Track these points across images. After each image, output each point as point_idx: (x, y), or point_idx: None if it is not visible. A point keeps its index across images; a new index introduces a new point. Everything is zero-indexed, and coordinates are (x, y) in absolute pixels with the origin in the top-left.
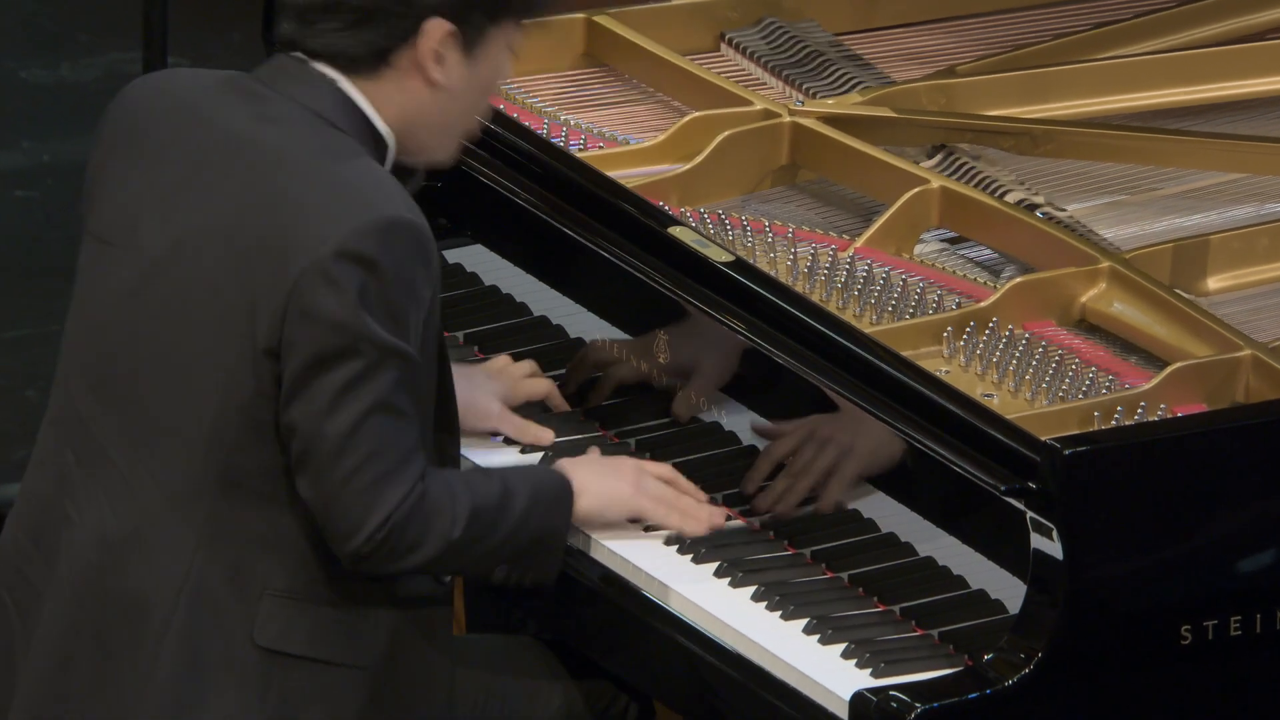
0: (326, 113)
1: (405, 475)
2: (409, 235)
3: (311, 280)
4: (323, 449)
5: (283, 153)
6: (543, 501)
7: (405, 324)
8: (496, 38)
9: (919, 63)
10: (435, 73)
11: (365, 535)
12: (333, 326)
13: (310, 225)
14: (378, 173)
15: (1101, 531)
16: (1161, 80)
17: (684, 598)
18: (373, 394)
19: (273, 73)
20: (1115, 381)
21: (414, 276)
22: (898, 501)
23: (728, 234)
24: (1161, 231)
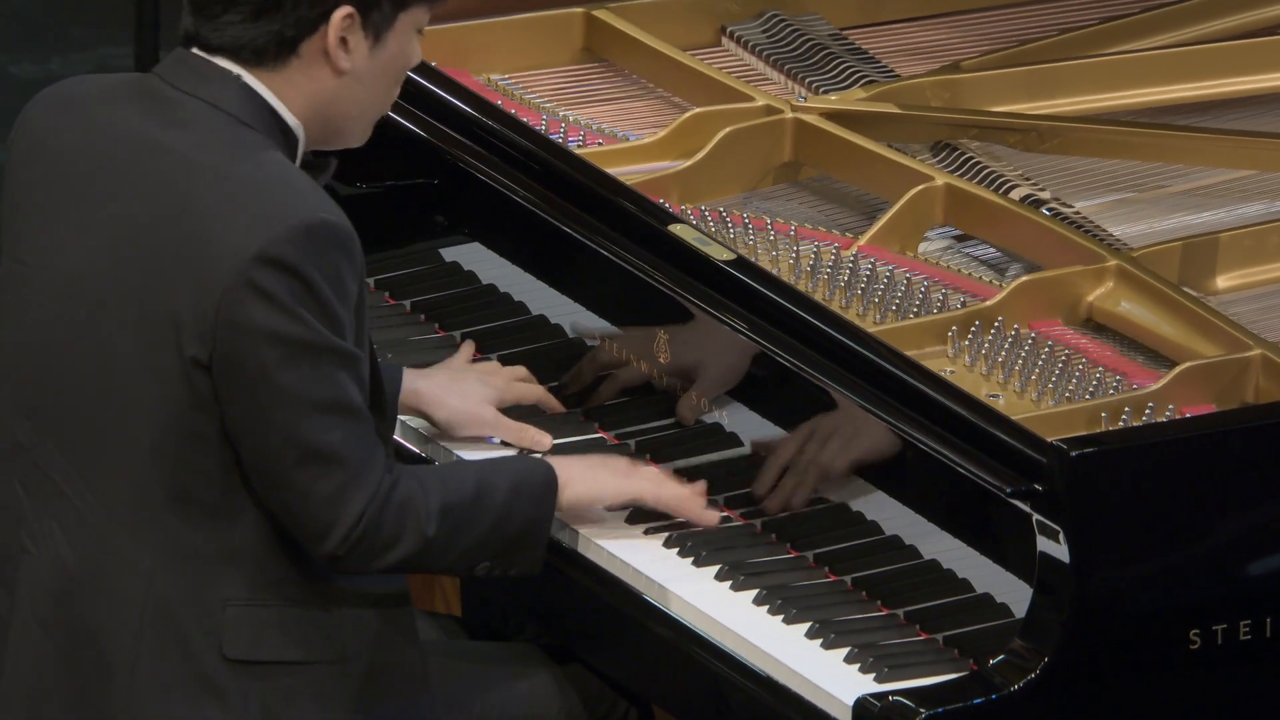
0: (232, 109)
1: (369, 474)
2: (329, 234)
3: (237, 292)
4: (279, 461)
5: (191, 160)
6: (524, 494)
7: (340, 321)
8: (403, 22)
9: (924, 57)
10: (342, 61)
11: (339, 538)
12: (268, 337)
13: (228, 234)
14: (289, 172)
15: (1109, 534)
16: (1170, 75)
17: (684, 601)
18: (321, 397)
19: (175, 71)
20: (1123, 382)
21: (340, 273)
22: (902, 503)
23: (729, 232)
24: (1170, 229)
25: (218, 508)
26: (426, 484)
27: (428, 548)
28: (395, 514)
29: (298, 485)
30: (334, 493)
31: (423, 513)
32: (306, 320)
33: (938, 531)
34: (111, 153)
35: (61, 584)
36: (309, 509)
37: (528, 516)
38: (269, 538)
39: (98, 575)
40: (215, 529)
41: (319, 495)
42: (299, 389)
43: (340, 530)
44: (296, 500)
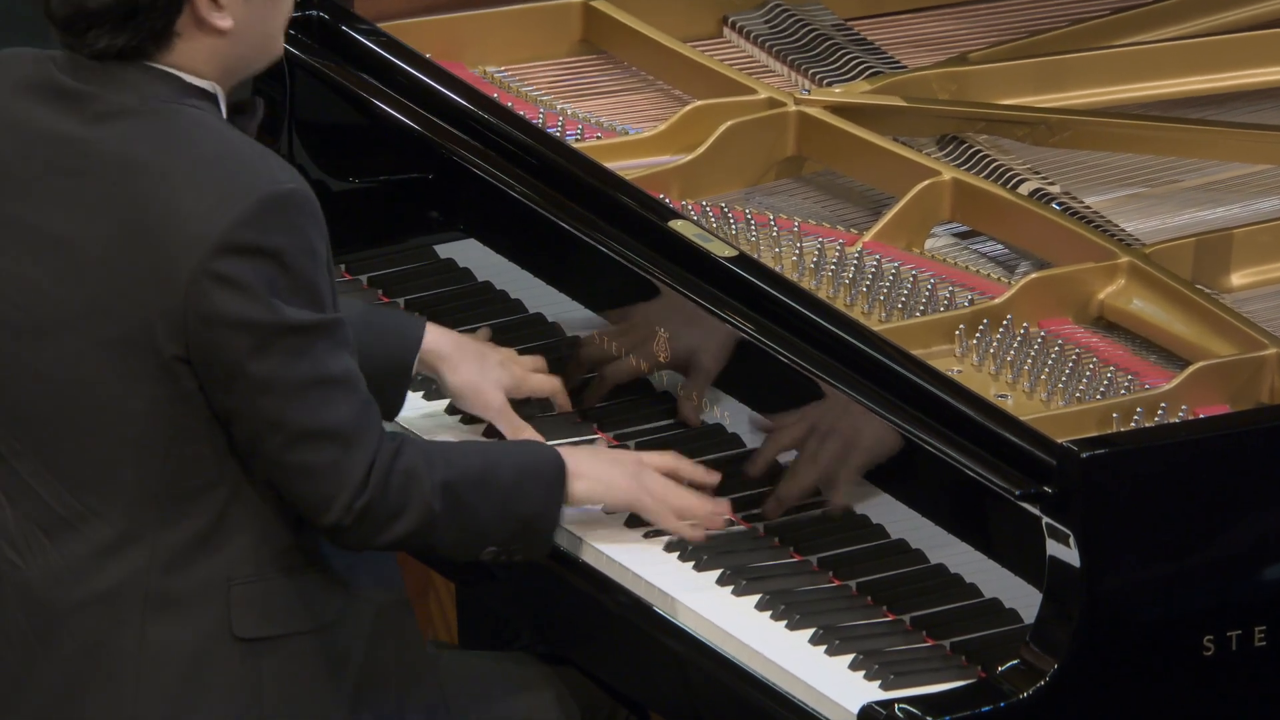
0: (145, 89)
1: (365, 442)
2: (285, 202)
3: (202, 284)
4: (271, 444)
5: (127, 156)
6: (531, 479)
7: (317, 288)
8: None
9: (930, 49)
10: (220, 21)
11: (342, 507)
12: (239, 325)
13: (184, 227)
14: (227, 142)
15: (1120, 537)
16: (1183, 67)
17: (685, 606)
18: (303, 377)
19: (76, 69)
20: (1134, 381)
21: (307, 237)
22: (908, 506)
23: (731, 228)
24: (1183, 225)
25: (214, 491)
26: (431, 457)
27: (434, 523)
28: (400, 482)
29: (294, 463)
30: (331, 465)
31: (428, 485)
32: (275, 303)
33: (945, 535)
34: (43, 160)
35: (54, 594)
36: (309, 484)
37: (536, 502)
38: (267, 510)
39: (91, 580)
40: (213, 512)
41: (317, 469)
42: (279, 373)
43: (343, 500)
44: (296, 476)
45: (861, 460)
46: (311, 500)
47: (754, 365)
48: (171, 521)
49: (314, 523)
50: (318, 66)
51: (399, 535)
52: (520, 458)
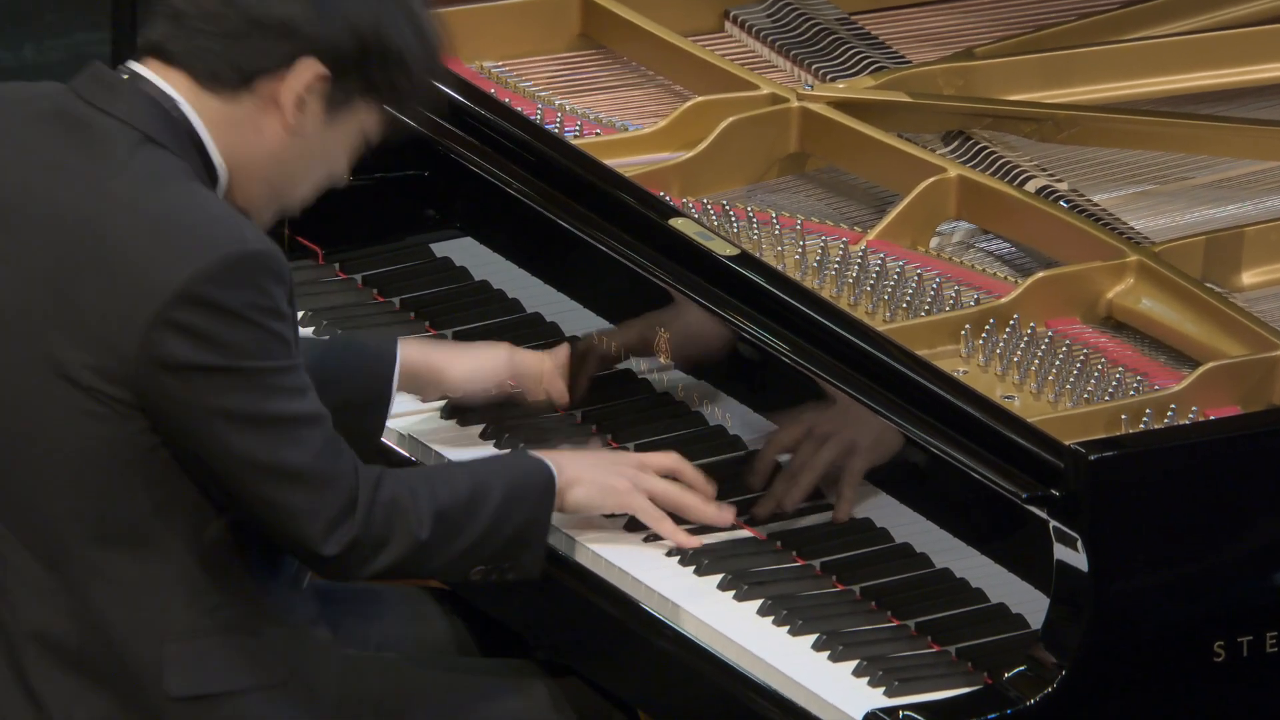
0: (155, 134)
1: (338, 479)
2: (252, 263)
3: (158, 332)
4: (243, 484)
5: (103, 192)
6: (520, 494)
7: (281, 339)
8: (360, 111)
9: (936, 43)
10: (291, 115)
11: (325, 543)
12: (195, 370)
13: (147, 272)
14: (204, 198)
15: (1129, 541)
16: (1193, 62)
17: (685, 612)
18: (266, 415)
19: (96, 86)
20: (1143, 382)
21: (271, 298)
22: (912, 510)
23: (732, 226)
24: (1193, 223)
25: (148, 539)
26: (415, 486)
27: (421, 550)
28: (383, 514)
29: (269, 502)
30: (306, 504)
31: (413, 514)
32: (235, 347)
33: (950, 539)
34: (18, 182)
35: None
36: (287, 523)
37: (525, 518)
38: (201, 563)
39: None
40: (148, 560)
41: (293, 509)
42: (240, 414)
43: (323, 536)
44: (273, 515)
45: (865, 463)
46: (293, 539)
47: (756, 366)
48: (105, 571)
49: (301, 559)
50: None
51: (386, 566)
52: (508, 475)
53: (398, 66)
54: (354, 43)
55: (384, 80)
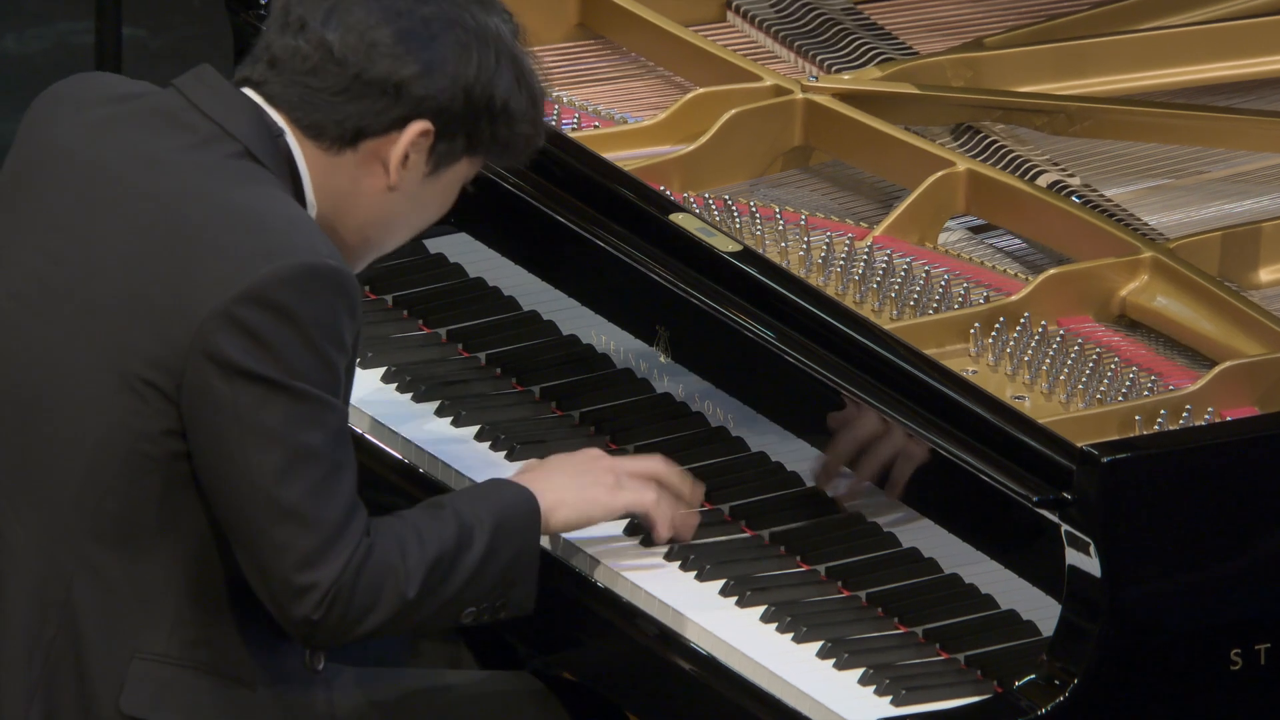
0: (256, 151)
1: (348, 535)
2: (330, 278)
3: (216, 323)
4: (252, 513)
5: (192, 181)
6: (506, 530)
7: (333, 369)
8: (462, 167)
9: (944, 33)
10: (395, 174)
11: (314, 602)
12: (243, 374)
13: (219, 263)
14: (295, 210)
15: (1143, 546)
16: (1209, 53)
17: (686, 618)
18: (299, 445)
19: (203, 91)
20: (1158, 382)
21: (337, 322)
22: (921, 513)
23: (735, 222)
24: (1209, 218)
25: (145, 549)
26: (405, 542)
27: (408, 609)
28: (371, 579)
29: (272, 540)
30: (310, 552)
31: (401, 574)
32: (289, 363)
33: (959, 544)
34: (109, 163)
35: None
36: (283, 568)
37: (512, 554)
38: (193, 593)
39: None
40: (139, 570)
41: (295, 553)
42: (275, 433)
43: (315, 594)
44: (271, 557)
45: (872, 465)
46: (281, 593)
47: (758, 365)
48: (96, 567)
49: (281, 619)
50: None
51: (370, 629)
52: (493, 511)
53: (504, 122)
54: (463, 101)
55: (490, 136)
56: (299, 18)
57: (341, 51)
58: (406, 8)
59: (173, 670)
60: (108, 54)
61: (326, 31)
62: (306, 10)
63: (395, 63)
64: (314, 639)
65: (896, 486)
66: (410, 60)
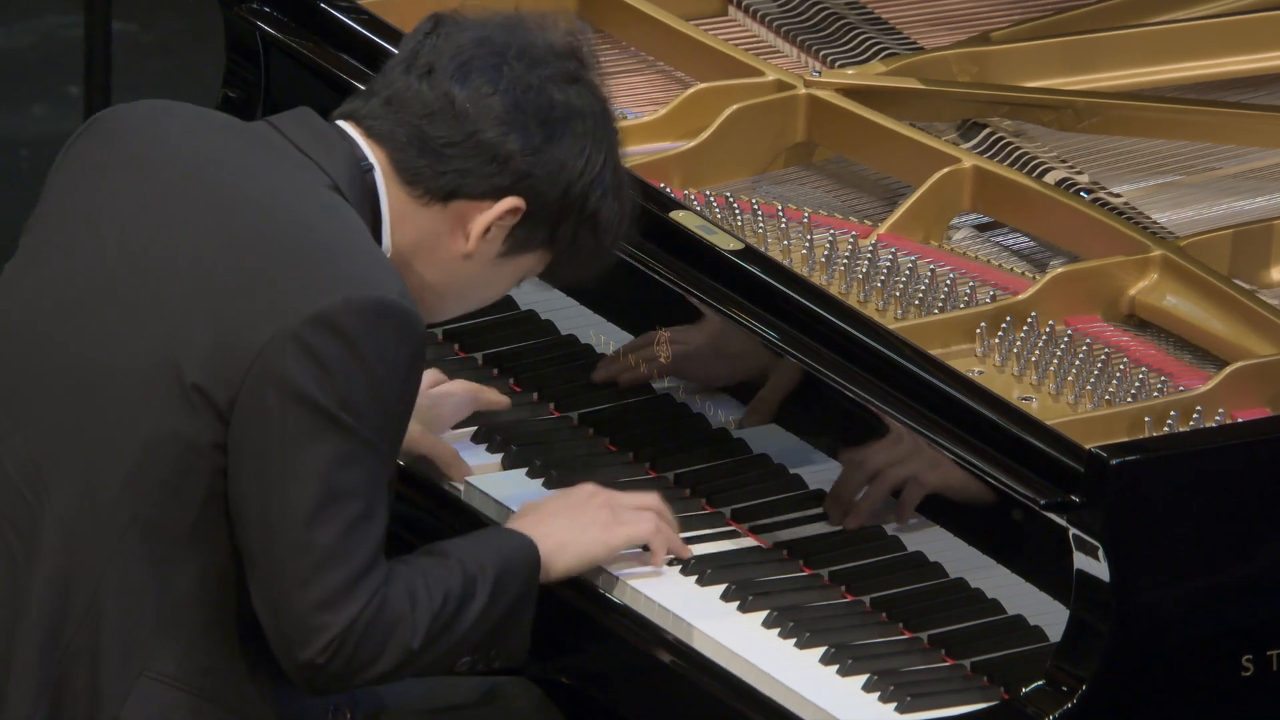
0: (344, 189)
1: (368, 583)
2: (402, 318)
3: (283, 342)
4: (279, 542)
5: (280, 198)
6: (506, 579)
7: (389, 411)
8: (535, 256)
9: (949, 27)
10: (475, 243)
11: (319, 646)
12: (301, 399)
13: (294, 282)
14: (378, 250)
15: (1153, 550)
16: (1221, 46)
17: (687, 623)
18: (341, 483)
19: (300, 129)
20: (1168, 383)
21: (401, 366)
22: (926, 517)
23: (736, 219)
24: (1220, 216)
25: (176, 560)
26: (415, 592)
27: (409, 659)
28: (382, 627)
29: (295, 574)
30: (331, 593)
31: (409, 624)
32: (347, 396)
33: (965, 547)
34: (201, 165)
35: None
36: (301, 605)
37: (510, 604)
38: (211, 618)
39: (24, 602)
40: (165, 583)
41: (315, 591)
42: (317, 467)
43: (325, 637)
44: (290, 591)
45: (876, 467)
46: (291, 630)
47: (760, 365)
48: (122, 578)
49: (284, 659)
50: (295, 46)
51: (373, 677)
52: (496, 560)
53: (589, 229)
54: (559, 194)
55: (571, 236)
56: (428, 64)
57: (463, 106)
58: (537, 84)
59: (178, 694)
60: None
61: (453, 85)
62: (437, 59)
63: (511, 132)
64: (315, 683)
65: (905, 498)
66: (526, 136)
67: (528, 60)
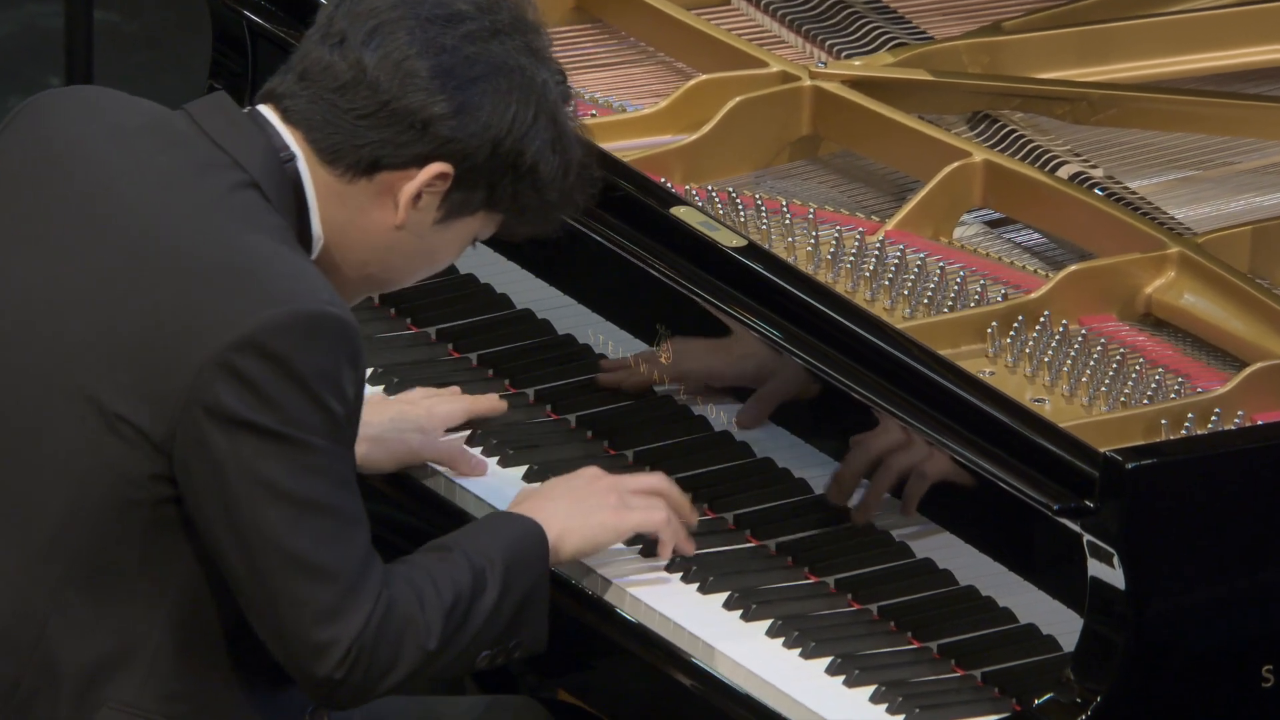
0: (262, 183)
1: (366, 588)
2: (332, 328)
3: (212, 373)
4: (264, 569)
5: (193, 214)
6: (518, 566)
7: (335, 420)
8: (477, 220)
9: (960, 17)
10: (404, 212)
11: (334, 661)
12: (241, 426)
13: (217, 307)
14: (299, 259)
15: (1169, 557)
16: (1240, 37)
17: (688, 633)
18: (304, 497)
19: (214, 116)
20: (1185, 384)
21: (338, 373)
22: (935, 522)
23: (739, 215)
24: (1239, 211)
25: (124, 593)
26: (423, 592)
27: (428, 661)
28: (393, 633)
29: (288, 596)
30: (329, 607)
31: (421, 626)
32: (288, 413)
33: (976, 554)
34: (114, 179)
35: None
36: (302, 625)
37: (525, 591)
38: (175, 644)
39: None
40: (116, 616)
41: (313, 608)
42: (280, 485)
43: (337, 652)
44: (287, 614)
45: (882, 470)
46: (300, 653)
47: (764, 366)
48: (71, 611)
49: (301, 681)
50: (283, 36)
51: (394, 684)
52: (504, 547)
53: (530, 184)
54: (489, 152)
55: (512, 195)
56: (340, 31)
57: (375, 75)
58: (452, 44)
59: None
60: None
61: (365, 51)
62: (350, 25)
63: (427, 98)
64: (336, 699)
65: (910, 494)
66: (443, 99)
67: (442, 19)
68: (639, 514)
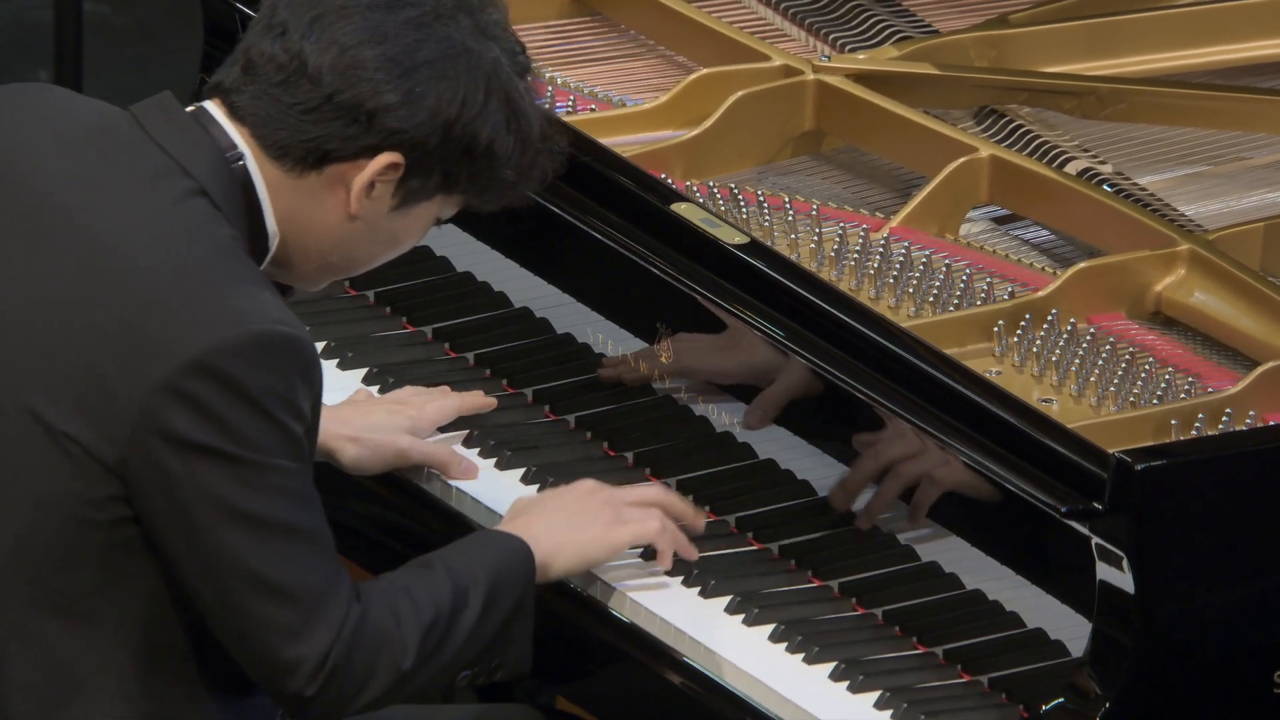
0: (210, 188)
1: (333, 605)
2: (284, 346)
3: (161, 398)
4: (227, 592)
5: (146, 229)
6: (502, 586)
7: (292, 440)
8: (436, 203)
9: (966, 10)
10: (357, 202)
11: (306, 676)
12: (195, 449)
13: (165, 329)
14: (249, 275)
15: (1179, 560)
16: (1251, 30)
17: (689, 637)
18: (262, 518)
19: (160, 119)
20: (1196, 384)
21: (293, 392)
22: (941, 525)
23: (741, 212)
24: (1251, 208)
25: (84, 615)
26: (399, 608)
27: (404, 679)
28: (366, 649)
29: (254, 617)
30: (294, 625)
31: (397, 643)
32: (242, 434)
33: (982, 558)
34: (57, 189)
35: None
36: (269, 645)
37: (508, 611)
38: (139, 664)
39: None
40: (78, 640)
41: (278, 628)
42: (238, 507)
43: (306, 669)
44: (254, 634)
45: (888, 472)
46: (272, 665)
47: (767, 365)
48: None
49: (274, 698)
50: None
51: (368, 701)
52: (488, 565)
53: (486, 165)
54: (440, 138)
55: (468, 177)
56: (283, 22)
57: (316, 67)
58: (395, 31)
59: None
60: (68, 31)
61: (306, 43)
62: (292, 15)
63: (372, 89)
64: (308, 715)
65: (918, 502)
66: (389, 89)
67: (384, 5)
68: (631, 528)
